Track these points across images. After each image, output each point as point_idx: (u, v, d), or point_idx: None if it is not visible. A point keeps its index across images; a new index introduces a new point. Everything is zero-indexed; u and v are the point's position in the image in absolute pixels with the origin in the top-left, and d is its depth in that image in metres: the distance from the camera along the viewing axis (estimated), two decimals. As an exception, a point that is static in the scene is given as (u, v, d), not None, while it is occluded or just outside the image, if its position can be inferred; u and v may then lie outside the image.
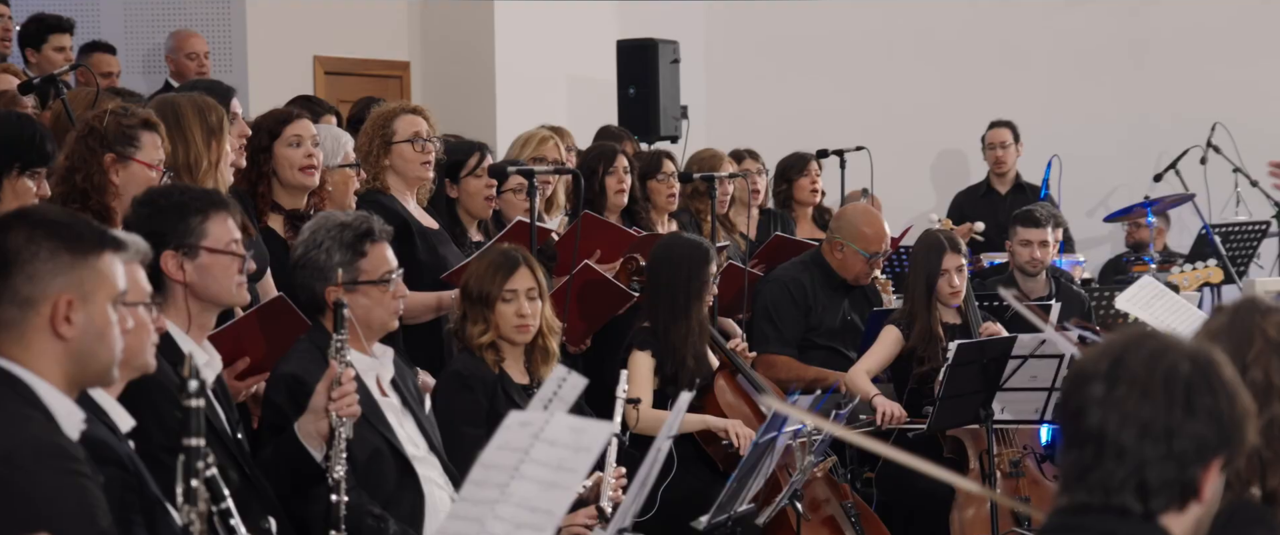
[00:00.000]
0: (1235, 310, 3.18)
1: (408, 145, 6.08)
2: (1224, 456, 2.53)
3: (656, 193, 7.57)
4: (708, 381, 6.23)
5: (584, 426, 3.13)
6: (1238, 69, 11.71)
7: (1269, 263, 10.64)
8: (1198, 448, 2.50)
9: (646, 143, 9.74)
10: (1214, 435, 2.51)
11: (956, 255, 6.80)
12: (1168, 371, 2.52)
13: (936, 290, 6.78)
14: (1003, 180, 10.72)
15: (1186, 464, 2.50)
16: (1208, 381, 2.53)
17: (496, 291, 5.16)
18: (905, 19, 12.17)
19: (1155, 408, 2.50)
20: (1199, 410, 2.50)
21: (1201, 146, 11.03)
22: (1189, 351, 2.55)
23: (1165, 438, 2.50)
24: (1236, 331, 3.11)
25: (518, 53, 10.74)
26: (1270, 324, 3.12)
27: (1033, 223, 7.73)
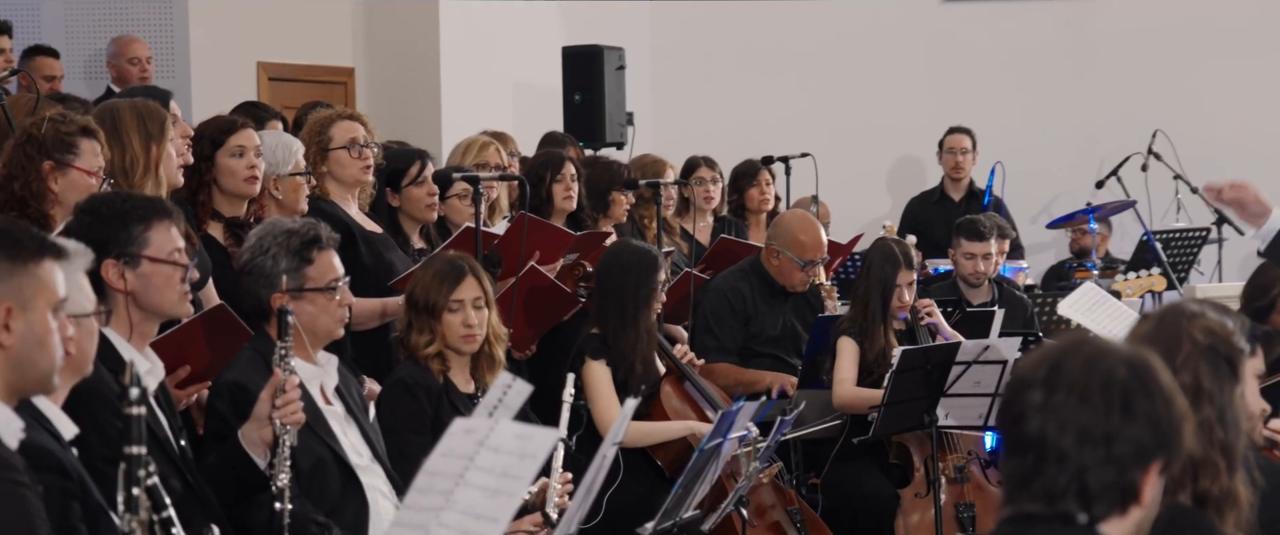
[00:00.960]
0: (1162, 316, 3.21)
1: (344, 152, 6.07)
2: (1163, 459, 2.55)
3: (618, 204, 7.55)
4: (654, 388, 6.23)
5: (529, 433, 3.13)
6: (1177, 77, 11.81)
7: (1209, 269, 10.74)
8: (1137, 451, 2.52)
9: (592, 149, 9.74)
10: (1152, 438, 2.53)
11: (909, 271, 6.80)
12: (1105, 376, 2.53)
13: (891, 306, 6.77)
14: (957, 187, 10.78)
15: (1126, 468, 2.52)
16: (1145, 385, 2.55)
17: (443, 302, 5.13)
18: (849, 25, 12.22)
19: (1093, 413, 2.52)
20: (1137, 414, 2.52)
21: (1142, 153, 11.12)
22: (1126, 356, 2.57)
23: (1104, 442, 2.51)
24: (1164, 336, 3.14)
25: (463, 59, 10.73)
26: (1197, 328, 3.15)
27: (976, 236, 7.76)
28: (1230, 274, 10.39)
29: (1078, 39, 12.07)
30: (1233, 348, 3.18)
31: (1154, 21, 11.90)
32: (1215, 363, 3.13)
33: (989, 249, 7.78)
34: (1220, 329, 3.18)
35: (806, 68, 12.26)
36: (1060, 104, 12.00)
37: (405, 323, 5.21)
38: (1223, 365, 3.15)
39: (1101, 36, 12.01)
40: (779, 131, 11.23)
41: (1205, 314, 3.20)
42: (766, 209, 9.03)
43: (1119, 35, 11.96)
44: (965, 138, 10.75)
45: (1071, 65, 12.06)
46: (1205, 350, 3.13)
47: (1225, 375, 3.15)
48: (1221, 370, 3.14)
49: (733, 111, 12.15)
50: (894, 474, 6.80)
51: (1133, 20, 11.93)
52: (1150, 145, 11.11)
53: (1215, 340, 3.16)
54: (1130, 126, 11.28)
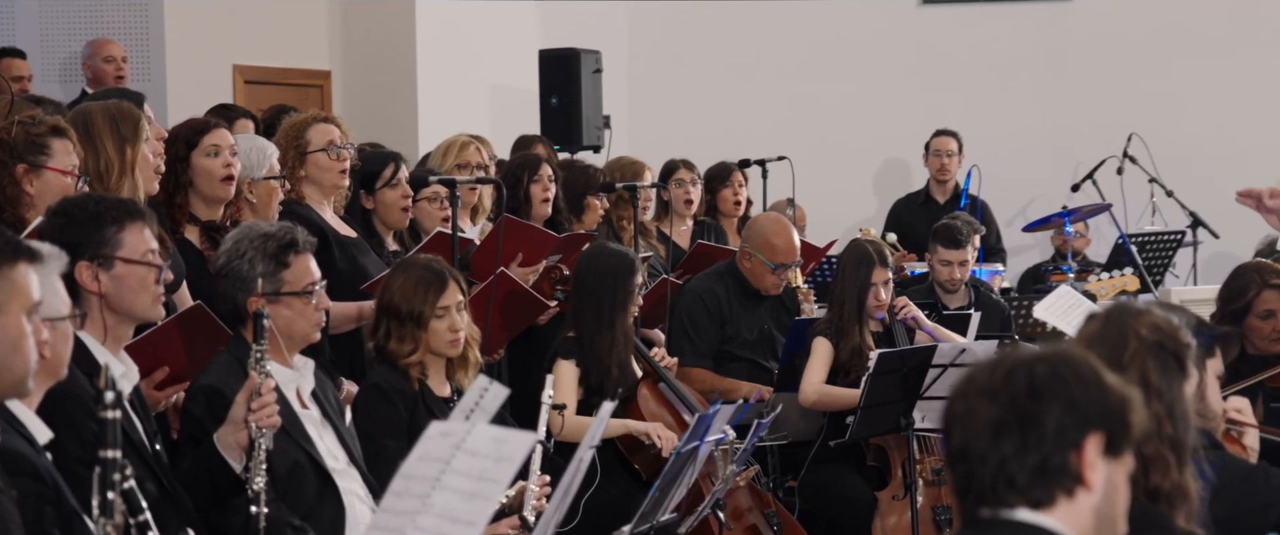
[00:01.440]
0: (1107, 315, 3.24)
1: (323, 154, 6.06)
2: (1101, 436, 2.52)
3: (593, 209, 7.55)
4: (631, 391, 6.23)
5: (506, 436, 3.12)
6: (1152, 81, 11.85)
7: (1184, 272, 10.77)
8: (1057, 431, 2.50)
9: (569, 152, 9.73)
10: (1073, 418, 2.51)
11: (884, 269, 6.82)
12: (1011, 373, 2.54)
13: (866, 305, 6.79)
14: (942, 189, 10.81)
15: (1047, 451, 2.50)
16: (1058, 372, 2.54)
17: (429, 310, 5.10)
18: (827, 28, 12.24)
19: (1001, 406, 2.52)
20: (1048, 397, 2.51)
21: (1118, 157, 11.16)
22: (1040, 354, 2.58)
23: (1017, 430, 2.51)
24: (1110, 334, 3.17)
25: (439, 62, 10.71)
26: (1143, 324, 3.18)
27: (953, 244, 7.80)
28: (1205, 277, 10.43)
29: (1054, 43, 12.10)
30: (1179, 343, 3.20)
31: (1129, 25, 11.94)
32: (1162, 359, 3.16)
33: (965, 256, 7.83)
34: (1166, 325, 3.21)
35: (784, 71, 12.27)
36: (1037, 107, 12.04)
37: (382, 331, 5.17)
38: (1170, 361, 3.18)
39: (1077, 40, 12.05)
40: (756, 135, 11.24)
41: (1150, 311, 3.24)
42: (739, 212, 9.04)
43: (1094, 39, 12.00)
44: (951, 140, 10.78)
45: (1048, 69, 12.10)
46: (1151, 347, 3.16)
47: (1173, 371, 3.17)
48: (1169, 366, 3.17)
49: (710, 115, 12.16)
50: (871, 476, 6.81)
51: (1108, 24, 11.96)
52: (1126, 149, 11.15)
53: (1161, 337, 3.18)
54: (1106, 130, 11.32)
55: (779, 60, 12.29)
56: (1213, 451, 3.50)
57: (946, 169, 10.75)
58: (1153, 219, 11.12)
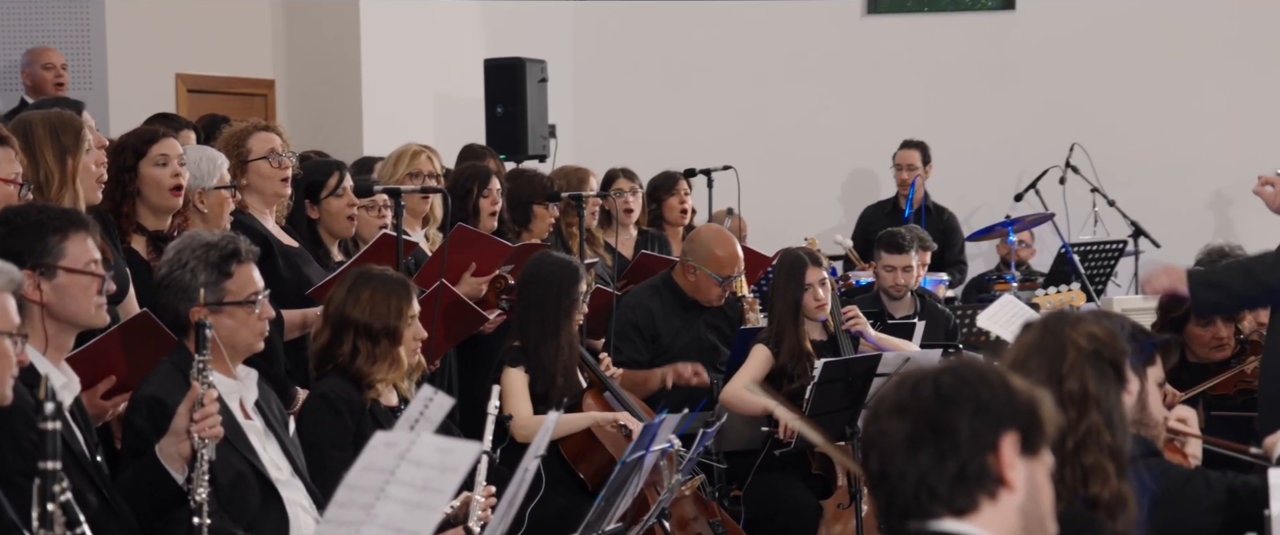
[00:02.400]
0: (1045, 324, 3.25)
1: (264, 162, 6.04)
2: (1017, 437, 2.52)
3: (540, 218, 7.54)
4: (577, 400, 6.23)
5: (450, 447, 3.12)
6: (1094, 91, 11.94)
7: (1126, 281, 10.86)
8: (971, 435, 2.51)
9: (514, 161, 9.72)
10: (985, 422, 2.51)
11: (817, 268, 6.86)
12: (917, 385, 2.55)
13: (802, 306, 6.83)
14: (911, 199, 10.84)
15: (964, 457, 2.50)
16: (963, 378, 2.54)
17: (402, 324, 5.08)
18: (771, 37, 12.28)
19: (912, 420, 2.53)
20: (957, 403, 2.51)
21: (1060, 167, 11.23)
22: (943, 365, 2.59)
23: (932, 440, 2.51)
24: (1048, 345, 3.19)
25: (384, 71, 10.69)
26: (1080, 334, 3.20)
27: (896, 248, 7.85)
28: (1147, 286, 10.50)
29: (997, 53, 12.18)
30: (1116, 351, 3.22)
31: (1071, 36, 12.03)
32: (1100, 367, 3.18)
33: (909, 261, 7.86)
34: (1103, 334, 3.23)
35: (729, 80, 12.30)
36: (980, 117, 12.11)
37: (348, 348, 5.11)
38: (1108, 369, 3.19)
39: (1020, 51, 12.13)
40: (702, 144, 11.26)
41: (1087, 320, 3.25)
42: (685, 220, 9.05)
43: (1037, 49, 12.08)
44: (914, 153, 10.83)
45: (991, 78, 12.17)
46: (1090, 356, 3.18)
47: (1111, 379, 3.19)
48: (1106, 374, 3.19)
49: (655, 124, 12.18)
50: (816, 485, 6.83)
51: (1050, 35, 12.05)
52: (1068, 158, 11.23)
53: (1099, 345, 3.20)
54: (1049, 140, 11.40)
55: (724, 69, 12.32)
56: (1152, 459, 3.53)
57: (907, 184, 10.79)
58: (1095, 228, 11.21)
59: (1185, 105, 11.72)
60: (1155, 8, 11.94)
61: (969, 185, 11.82)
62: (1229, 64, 11.78)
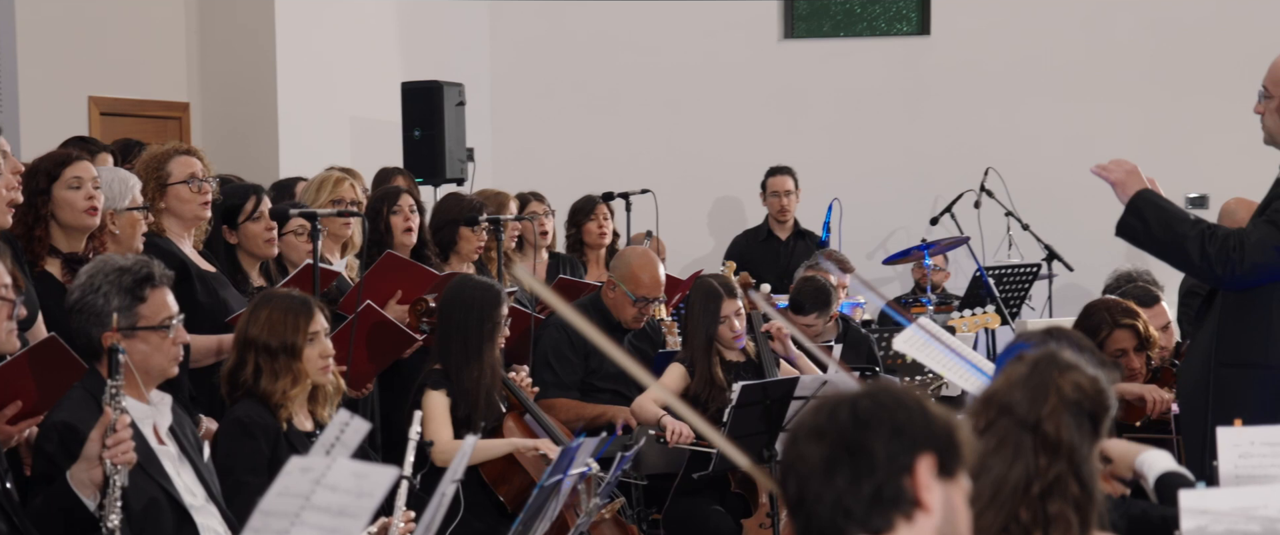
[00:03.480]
0: (1036, 362, 3.22)
1: (184, 186, 6.00)
2: (934, 460, 2.53)
3: (466, 241, 7.52)
4: (497, 423, 6.21)
5: (366, 471, 3.10)
6: (1008, 115, 12.07)
7: (1040, 304, 10.96)
8: (888, 457, 2.51)
9: (432, 185, 9.70)
10: (902, 444, 2.52)
11: (733, 300, 6.88)
12: (834, 409, 2.55)
13: (717, 337, 6.85)
14: (783, 226, 10.89)
15: (880, 478, 2.50)
16: (880, 401, 2.55)
17: (301, 339, 5.05)
18: (689, 62, 12.32)
19: (829, 443, 2.53)
20: (874, 425, 2.52)
21: (975, 190, 11.33)
22: (864, 389, 2.59)
23: (848, 462, 2.51)
24: (1034, 383, 3.17)
25: (300, 94, 10.63)
26: (1066, 381, 3.17)
27: (799, 310, 7.89)
28: (1060, 309, 10.62)
29: (913, 77, 12.28)
30: (1099, 405, 3.20)
31: (985, 61, 12.14)
32: (1079, 418, 3.15)
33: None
34: (1090, 386, 3.20)
35: (647, 104, 12.33)
36: (896, 141, 12.20)
37: (251, 369, 5.08)
38: (1086, 422, 3.17)
39: (935, 75, 12.24)
40: (620, 167, 11.29)
41: (1078, 368, 3.22)
42: (604, 244, 9.06)
43: (952, 74, 12.19)
44: (788, 178, 10.88)
45: (907, 103, 12.27)
46: (1071, 405, 3.15)
47: (1087, 431, 3.17)
48: (1083, 426, 3.16)
49: (574, 148, 12.18)
50: (737, 504, 6.84)
51: (965, 59, 12.17)
52: (983, 182, 11.32)
53: (1082, 396, 3.17)
54: (963, 164, 11.50)
55: (642, 93, 12.35)
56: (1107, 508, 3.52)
57: (785, 209, 10.84)
58: (1009, 252, 11.31)
59: (1098, 129, 11.85)
60: (1069, 34, 12.08)
61: (885, 209, 11.90)
62: (1141, 89, 11.93)
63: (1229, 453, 3.90)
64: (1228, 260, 4.79)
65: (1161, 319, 6.58)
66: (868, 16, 12.39)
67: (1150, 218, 4.88)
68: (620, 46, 12.35)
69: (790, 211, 10.86)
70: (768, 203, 10.93)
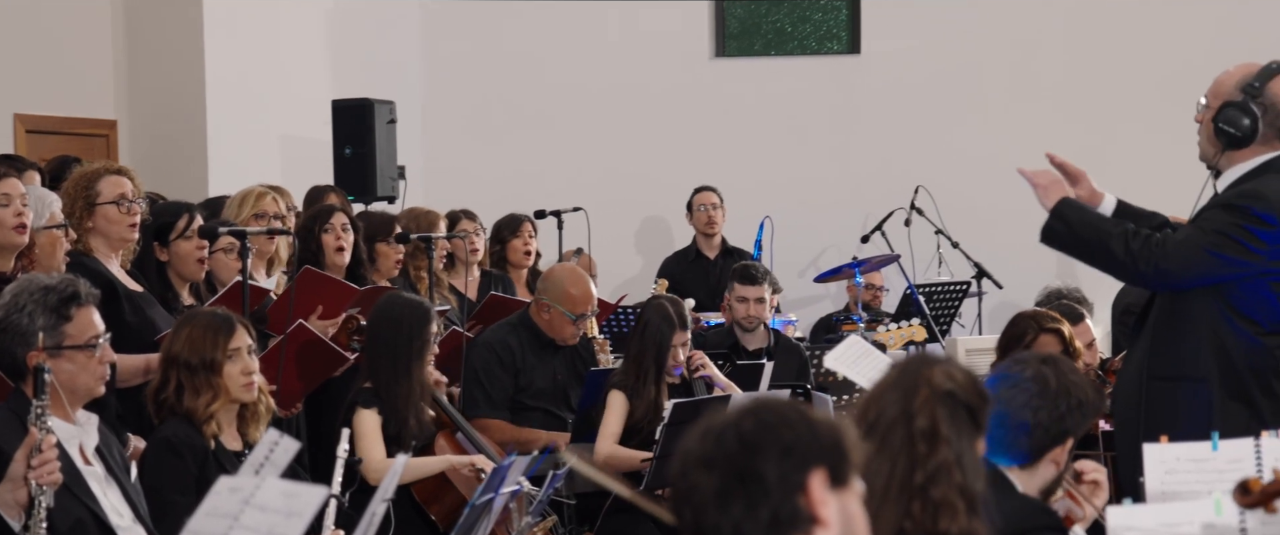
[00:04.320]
0: (905, 363, 3.31)
1: (113, 207, 5.95)
2: (825, 473, 2.53)
3: (385, 256, 7.50)
4: (428, 441, 6.19)
5: (296, 491, 3.08)
6: (938, 134, 12.14)
7: (970, 322, 11.03)
8: (779, 479, 2.50)
9: (363, 203, 9.66)
10: (791, 463, 2.51)
11: (684, 332, 6.87)
12: (720, 436, 2.53)
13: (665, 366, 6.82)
14: (710, 244, 10.92)
15: (775, 502, 2.50)
16: (764, 421, 2.54)
17: (221, 355, 5.03)
18: (622, 79, 12.34)
19: (719, 472, 2.51)
20: (761, 448, 2.51)
21: (906, 209, 11.39)
22: (747, 409, 2.57)
23: (741, 491, 2.50)
24: (905, 381, 3.24)
25: (229, 112, 10.56)
26: (937, 374, 3.25)
27: (750, 279, 7.97)
28: (990, 326, 10.68)
29: (843, 96, 12.34)
30: (973, 396, 3.27)
31: (915, 80, 12.22)
32: (953, 409, 3.22)
33: (762, 293, 7.97)
34: (961, 377, 3.27)
35: (579, 122, 12.34)
36: (827, 159, 12.25)
37: (173, 386, 5.06)
38: (961, 412, 3.23)
39: (866, 94, 12.30)
40: (552, 185, 11.28)
41: (947, 363, 3.30)
42: (529, 262, 9.06)
43: (882, 93, 12.26)
44: (712, 194, 10.92)
45: (837, 122, 12.32)
46: (943, 396, 3.22)
47: (964, 422, 3.23)
48: (959, 416, 3.23)
49: (505, 165, 12.17)
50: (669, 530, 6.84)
51: (895, 78, 12.24)
52: (913, 200, 11.38)
53: (954, 387, 3.25)
54: (894, 182, 11.56)
55: (574, 111, 12.35)
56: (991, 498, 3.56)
57: (714, 221, 10.87)
58: (939, 270, 11.37)
59: (1026, 147, 11.90)
60: (996, 54, 12.19)
61: (816, 227, 11.94)
62: (1067, 109, 12.04)
63: (1155, 469, 3.94)
64: (1150, 256, 4.84)
65: (1086, 336, 6.65)
66: (798, 36, 12.45)
67: (1073, 219, 4.93)
68: (552, 64, 12.35)
69: (718, 225, 10.89)
70: (695, 219, 10.96)
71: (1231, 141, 4.91)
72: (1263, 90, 4.89)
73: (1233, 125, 4.89)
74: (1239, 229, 4.81)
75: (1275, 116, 4.91)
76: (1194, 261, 4.82)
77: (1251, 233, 4.81)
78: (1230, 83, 4.95)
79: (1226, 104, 4.91)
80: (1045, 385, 3.87)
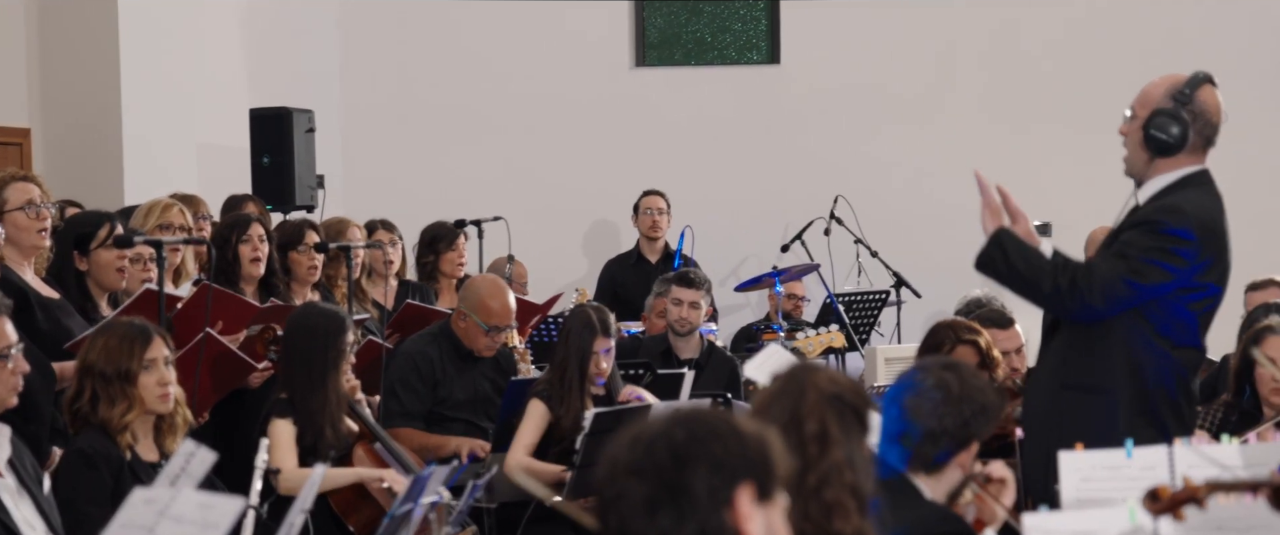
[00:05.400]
0: (789, 373, 3.36)
1: (20, 213, 5.91)
2: (752, 488, 2.54)
3: (298, 264, 7.46)
4: (346, 451, 6.16)
5: (212, 502, 3.05)
6: (857, 144, 12.21)
7: (889, 331, 11.10)
8: (708, 493, 2.51)
9: (282, 212, 9.60)
10: (720, 478, 2.52)
11: (607, 338, 6.82)
12: (651, 445, 2.54)
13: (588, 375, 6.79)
14: (653, 248, 10.95)
15: (703, 515, 2.51)
16: (696, 434, 2.55)
17: (137, 365, 4.99)
18: (542, 88, 12.32)
19: (649, 482, 2.52)
20: (692, 462, 2.52)
21: (825, 218, 11.45)
22: (679, 418, 2.58)
23: (670, 502, 2.51)
24: (791, 388, 3.29)
25: (145, 120, 10.44)
26: (821, 378, 3.31)
27: (688, 283, 8.01)
28: (908, 335, 10.75)
29: (763, 106, 12.38)
30: (858, 399, 3.32)
31: (835, 90, 12.28)
32: (841, 411, 3.28)
33: (698, 298, 7.98)
34: (844, 381, 3.35)
35: (500, 130, 12.30)
36: (747, 168, 12.29)
37: (88, 396, 5.01)
38: (849, 414, 3.29)
39: (786, 104, 12.35)
40: (473, 194, 11.24)
41: (828, 369, 3.38)
42: (460, 273, 9.02)
43: (802, 103, 12.31)
44: (660, 199, 10.97)
45: (757, 131, 12.36)
46: (830, 399, 3.28)
47: (852, 424, 3.29)
48: (847, 418, 3.28)
49: (426, 174, 12.12)
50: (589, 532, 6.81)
51: (815, 88, 12.29)
52: (832, 210, 11.45)
53: (839, 390, 3.31)
54: (813, 192, 11.61)
55: (494, 119, 12.32)
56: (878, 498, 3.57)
57: (658, 225, 10.91)
58: (859, 279, 11.44)
59: (944, 157, 12.04)
60: (915, 64, 12.27)
61: (736, 236, 11.98)
62: (985, 118, 12.14)
63: (1071, 477, 3.97)
64: (1077, 292, 4.87)
65: (1016, 341, 6.67)
66: (718, 46, 12.49)
67: (1011, 249, 4.96)
68: (473, 73, 12.32)
69: (662, 229, 10.93)
70: (639, 221, 10.99)
71: (1162, 148, 4.95)
72: (1192, 97, 4.95)
73: (1164, 132, 4.94)
74: (1158, 251, 4.85)
75: (1204, 124, 4.96)
76: (1117, 294, 4.86)
77: (1171, 252, 4.85)
78: (1159, 92, 5.00)
79: (1157, 112, 4.95)
80: (948, 391, 3.92)
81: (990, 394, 3.99)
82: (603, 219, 12.30)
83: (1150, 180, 5.03)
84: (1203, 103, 4.97)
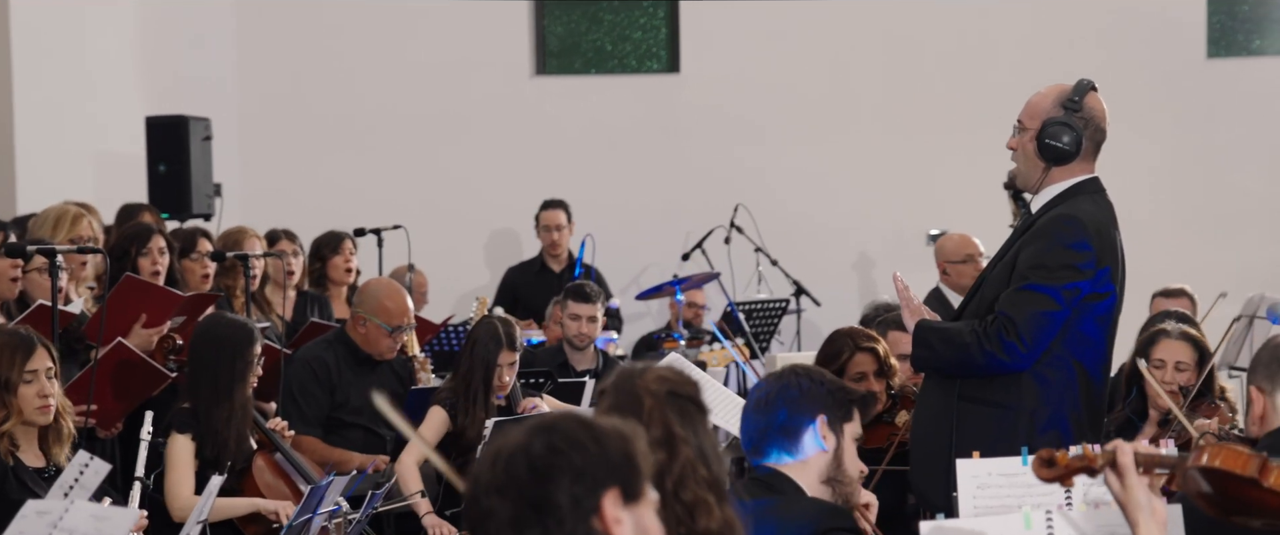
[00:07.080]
0: (616, 384, 3.33)
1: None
2: (617, 492, 2.53)
3: (190, 273, 7.39)
4: (247, 462, 6.10)
5: (107, 514, 3.02)
6: (757, 153, 12.26)
7: (789, 339, 11.16)
8: (572, 504, 2.50)
9: (179, 220, 9.51)
10: (583, 487, 2.51)
11: (512, 352, 6.77)
12: (509, 461, 2.53)
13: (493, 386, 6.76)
14: (557, 258, 10.93)
15: (569, 527, 2.50)
16: (553, 445, 2.53)
17: (17, 375, 4.94)
18: (442, 96, 12.27)
19: (512, 500, 2.51)
20: (552, 474, 2.51)
21: (725, 227, 11.50)
22: (535, 429, 2.56)
23: (535, 518, 2.50)
24: (624, 399, 3.27)
25: (39, 128, 10.31)
26: (650, 380, 3.29)
27: (584, 298, 8.00)
28: (808, 343, 10.81)
29: (664, 114, 12.40)
30: (687, 386, 3.31)
31: (735, 99, 12.32)
32: (679, 406, 3.27)
33: (595, 312, 8.00)
34: (671, 374, 3.33)
35: (399, 138, 12.24)
36: (648, 177, 12.30)
37: None
38: (687, 405, 3.28)
39: (686, 112, 12.38)
40: (372, 203, 11.18)
41: (651, 367, 3.36)
42: (349, 280, 8.97)
43: (702, 111, 12.34)
44: (561, 212, 10.94)
45: (658, 139, 12.38)
46: (665, 398, 3.26)
47: (692, 414, 3.28)
48: (687, 411, 3.28)
49: (325, 182, 12.03)
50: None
51: (715, 98, 12.33)
52: (733, 219, 11.50)
53: (671, 385, 3.30)
54: (714, 200, 11.66)
55: (394, 127, 12.25)
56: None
57: (557, 243, 10.90)
58: (759, 287, 11.49)
59: (844, 167, 12.12)
60: (815, 73, 12.34)
61: (637, 245, 11.99)
62: (880, 128, 12.23)
63: (968, 484, 4.01)
64: (1006, 346, 4.90)
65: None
66: (618, 54, 12.50)
67: (934, 342, 5.02)
68: (373, 81, 12.25)
69: (562, 246, 10.91)
70: (540, 236, 10.98)
71: (1058, 157, 5.01)
72: (1082, 104, 5.02)
73: (1058, 140, 5.00)
74: (1063, 269, 4.91)
75: (1094, 130, 5.04)
76: (1042, 329, 4.91)
77: (1073, 267, 4.91)
78: (1047, 102, 5.06)
79: (1049, 121, 5.01)
80: (808, 380, 3.95)
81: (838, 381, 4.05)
82: (504, 227, 12.27)
83: (1042, 190, 5.10)
84: (1091, 109, 5.05)
